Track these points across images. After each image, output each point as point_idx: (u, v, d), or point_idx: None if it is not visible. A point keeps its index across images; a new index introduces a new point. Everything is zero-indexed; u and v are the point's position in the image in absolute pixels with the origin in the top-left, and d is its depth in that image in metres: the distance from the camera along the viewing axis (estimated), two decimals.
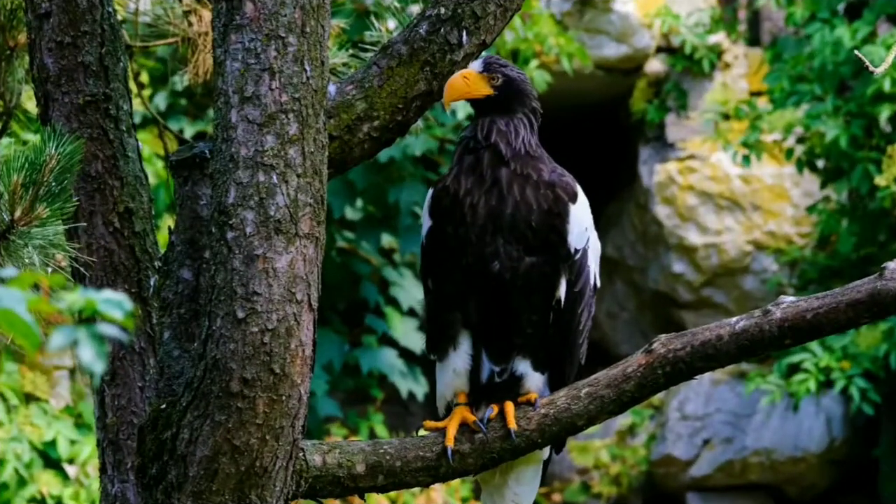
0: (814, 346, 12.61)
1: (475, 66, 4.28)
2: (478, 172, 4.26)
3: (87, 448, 10.57)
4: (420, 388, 13.48)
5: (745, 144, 12.73)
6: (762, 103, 13.45)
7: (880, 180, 11.88)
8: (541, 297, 4.28)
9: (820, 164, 12.71)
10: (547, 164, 4.30)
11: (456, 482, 13.11)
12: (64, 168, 4.19)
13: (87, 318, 2.48)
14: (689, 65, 14.99)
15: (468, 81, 4.26)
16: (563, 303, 4.31)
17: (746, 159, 12.74)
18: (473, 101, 4.32)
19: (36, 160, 4.17)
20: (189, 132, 12.73)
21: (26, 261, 4.23)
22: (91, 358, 2.39)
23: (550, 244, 4.27)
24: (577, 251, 4.30)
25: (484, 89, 4.29)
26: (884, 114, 11.94)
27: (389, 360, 13.39)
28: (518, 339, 4.29)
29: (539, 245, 4.26)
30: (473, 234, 4.24)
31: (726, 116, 13.48)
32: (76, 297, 2.42)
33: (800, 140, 12.61)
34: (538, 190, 4.26)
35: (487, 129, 4.28)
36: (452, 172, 4.31)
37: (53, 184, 4.19)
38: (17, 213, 4.21)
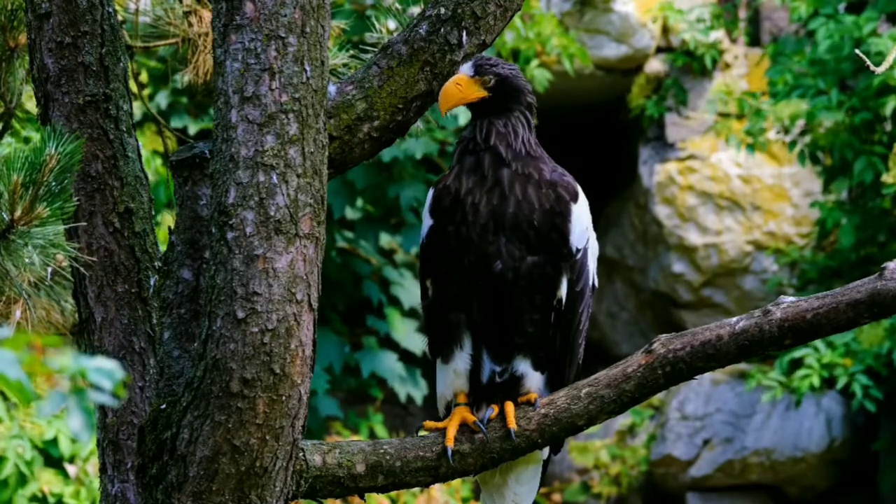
0: (816, 342, 12.63)
1: (465, 69, 4.27)
2: (479, 174, 4.26)
3: (88, 447, 10.57)
4: (419, 392, 13.46)
5: (748, 133, 12.72)
6: (764, 101, 13.46)
7: (887, 178, 11.88)
8: (543, 297, 4.28)
9: (821, 157, 12.71)
10: (547, 164, 4.30)
11: (456, 482, 13.11)
12: (64, 168, 4.19)
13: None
14: (690, 61, 14.98)
15: (461, 87, 4.25)
16: (564, 302, 4.31)
17: (751, 147, 12.73)
18: (470, 104, 4.31)
19: (36, 160, 4.17)
20: (192, 130, 12.73)
21: (26, 260, 4.23)
22: (79, 427, 2.43)
23: (552, 243, 4.27)
24: (578, 250, 4.30)
25: (478, 92, 4.28)
26: (889, 105, 11.94)
27: (389, 364, 13.38)
28: (519, 338, 4.29)
29: (541, 245, 4.26)
30: (475, 233, 4.23)
31: (727, 115, 13.47)
32: (68, 362, 2.45)
33: (803, 132, 12.61)
34: (540, 189, 4.25)
35: (486, 132, 4.28)
36: (453, 172, 4.30)
37: (53, 183, 4.19)
38: (18, 213, 4.21)
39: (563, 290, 4.30)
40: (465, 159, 4.29)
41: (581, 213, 4.30)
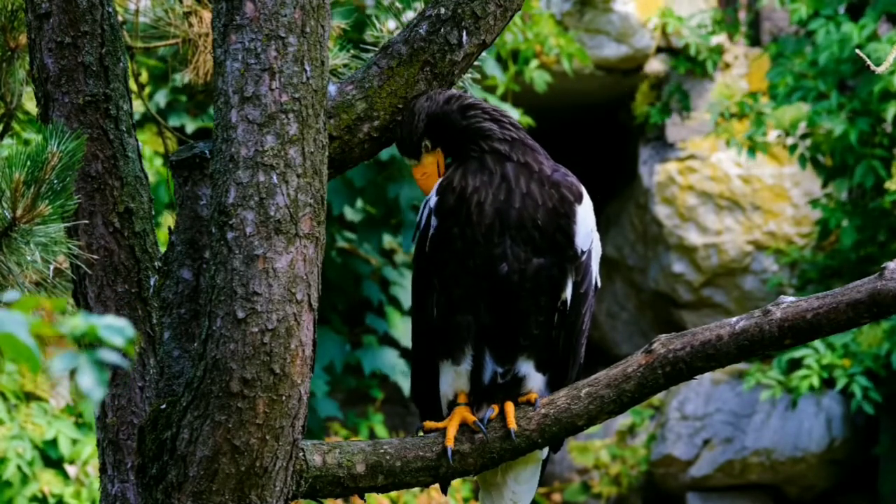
0: (815, 342, 12.65)
1: (407, 159, 4.30)
2: (486, 172, 4.24)
3: (88, 447, 10.57)
4: None
5: (749, 139, 12.75)
6: (764, 102, 13.47)
7: (891, 184, 11.91)
8: (547, 299, 4.27)
9: (822, 161, 12.72)
10: (546, 160, 4.29)
11: (457, 482, 13.11)
12: (66, 165, 4.19)
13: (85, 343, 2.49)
14: (691, 66, 14.99)
15: (427, 172, 4.29)
16: (568, 304, 4.30)
17: (752, 151, 12.75)
18: (448, 159, 4.32)
19: (38, 158, 4.17)
20: (190, 128, 12.73)
21: (28, 258, 4.23)
22: (91, 385, 2.40)
23: (558, 245, 4.25)
24: (583, 252, 4.29)
25: (435, 157, 4.29)
26: (890, 111, 11.95)
27: (390, 361, 13.39)
28: (524, 340, 4.28)
29: (546, 246, 4.24)
30: (480, 234, 4.22)
31: (731, 115, 13.48)
32: (78, 322, 2.43)
33: (804, 136, 12.63)
34: (543, 186, 4.24)
35: (481, 145, 4.26)
36: (458, 173, 4.27)
37: (55, 181, 4.19)
38: (19, 211, 4.21)
39: (567, 292, 4.30)
40: (468, 164, 4.26)
41: (586, 215, 4.28)
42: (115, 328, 2.42)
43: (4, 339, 2.34)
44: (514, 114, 13.26)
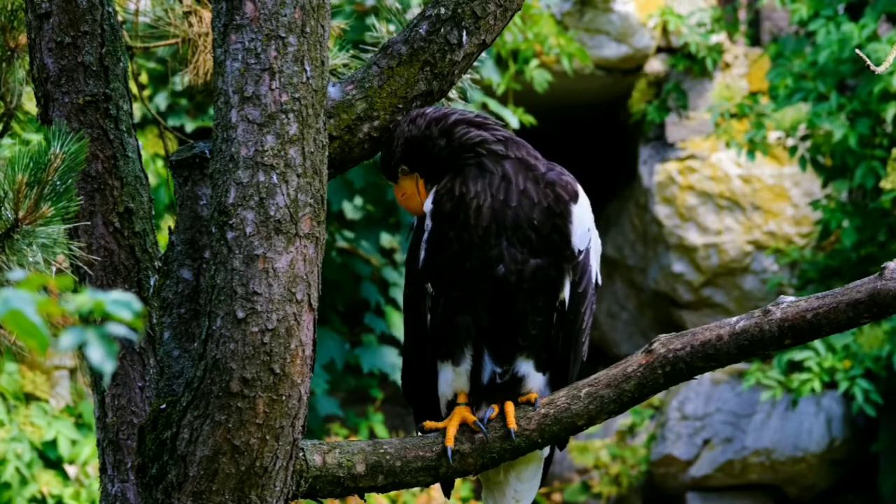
0: (816, 344, 12.65)
1: (393, 181, 4.29)
2: (487, 174, 4.23)
3: (88, 448, 10.57)
4: None
5: (750, 142, 12.76)
6: (764, 102, 13.47)
7: (886, 183, 11.91)
8: (545, 299, 4.27)
9: (822, 161, 12.73)
10: (539, 157, 4.29)
11: (457, 482, 13.11)
12: (68, 167, 4.19)
13: (93, 319, 2.48)
14: (690, 64, 14.99)
15: (406, 194, 4.27)
16: (567, 304, 4.30)
17: (752, 154, 12.77)
18: (427, 180, 4.29)
19: (40, 159, 4.18)
20: (190, 128, 12.72)
21: (29, 259, 4.23)
22: (101, 359, 2.40)
23: (554, 245, 4.25)
24: (580, 252, 4.29)
25: (414, 181, 4.27)
26: (890, 112, 11.96)
27: (390, 359, 13.39)
28: (523, 341, 4.28)
29: (543, 247, 4.24)
30: (477, 236, 4.21)
31: (731, 115, 13.48)
32: (85, 299, 2.42)
33: (804, 137, 12.64)
34: (538, 185, 4.24)
35: (491, 163, 4.25)
36: (457, 180, 4.25)
37: (58, 183, 4.20)
38: (22, 212, 4.21)
39: (566, 292, 4.30)
40: (467, 171, 4.24)
41: (582, 215, 4.28)
42: (122, 302, 2.42)
43: (12, 317, 2.34)
44: (513, 119, 13.25)
